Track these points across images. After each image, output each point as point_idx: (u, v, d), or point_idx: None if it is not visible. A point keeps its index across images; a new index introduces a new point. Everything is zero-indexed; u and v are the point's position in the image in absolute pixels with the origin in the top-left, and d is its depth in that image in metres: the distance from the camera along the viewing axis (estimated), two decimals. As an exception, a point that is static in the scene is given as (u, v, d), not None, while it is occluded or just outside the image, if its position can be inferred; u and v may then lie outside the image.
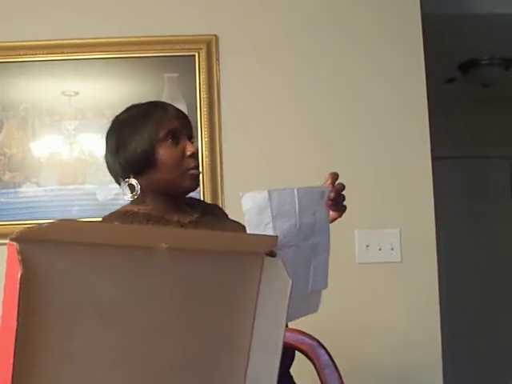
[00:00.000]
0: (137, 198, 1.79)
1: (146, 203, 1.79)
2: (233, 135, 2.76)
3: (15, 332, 0.84)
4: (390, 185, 2.76)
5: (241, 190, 2.76)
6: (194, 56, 2.77)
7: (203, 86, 2.76)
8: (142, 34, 2.78)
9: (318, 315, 2.55)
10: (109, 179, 1.89)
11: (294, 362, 1.86)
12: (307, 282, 1.42)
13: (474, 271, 4.89)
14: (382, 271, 2.71)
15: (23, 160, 2.75)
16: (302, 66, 2.82)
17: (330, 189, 1.49)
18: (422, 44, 2.81)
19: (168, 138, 1.75)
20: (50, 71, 2.79)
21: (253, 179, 2.73)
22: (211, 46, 2.77)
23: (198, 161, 1.82)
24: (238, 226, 1.85)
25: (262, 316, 1.08)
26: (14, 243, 0.86)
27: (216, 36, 2.79)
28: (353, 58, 2.82)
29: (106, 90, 2.80)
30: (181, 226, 1.74)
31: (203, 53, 2.77)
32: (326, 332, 2.02)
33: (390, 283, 2.71)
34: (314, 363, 1.61)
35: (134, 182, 1.78)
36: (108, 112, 2.67)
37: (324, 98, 2.80)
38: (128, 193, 1.79)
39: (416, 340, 2.67)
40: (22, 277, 0.83)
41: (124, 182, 1.80)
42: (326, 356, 1.58)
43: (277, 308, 1.07)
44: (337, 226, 1.60)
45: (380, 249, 2.72)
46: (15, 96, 2.78)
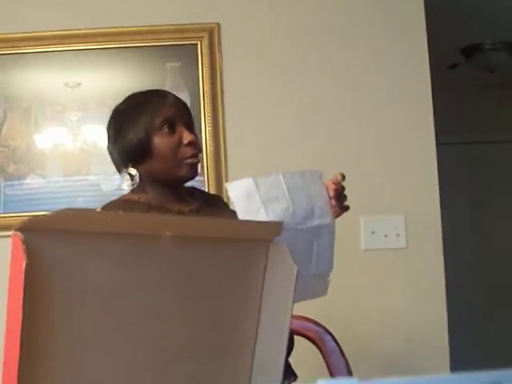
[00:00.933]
0: (137, 187, 1.79)
1: (145, 192, 1.78)
2: (236, 124, 2.75)
3: (21, 321, 0.84)
4: (394, 171, 2.75)
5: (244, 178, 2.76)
6: (196, 45, 2.76)
7: (206, 75, 2.75)
8: (144, 24, 2.77)
9: (323, 302, 2.55)
10: (113, 170, 1.89)
11: (293, 349, 1.85)
12: (309, 264, 1.42)
13: (479, 257, 4.88)
14: (387, 257, 2.71)
15: (27, 152, 2.75)
16: (305, 55, 2.80)
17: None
18: (425, 29, 2.79)
19: (164, 127, 1.74)
20: (53, 62, 2.79)
21: (257, 168, 2.72)
22: (213, 35, 2.76)
23: (197, 149, 1.79)
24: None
25: (268, 302, 1.08)
26: (19, 233, 0.86)
27: (218, 24, 2.78)
28: (355, 44, 2.81)
29: (109, 81, 2.79)
30: (181, 214, 1.73)
31: (205, 41, 2.76)
32: (331, 318, 2.02)
33: (396, 269, 2.71)
34: (320, 350, 1.61)
35: (133, 171, 1.77)
36: (111, 102, 2.64)
37: (327, 85, 2.79)
38: (127, 182, 1.78)
39: (422, 325, 2.67)
40: (26, 266, 0.84)
41: (123, 171, 1.80)
42: (333, 342, 1.58)
43: (283, 294, 1.06)
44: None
45: (385, 235, 2.72)
46: (18, 88, 2.78)
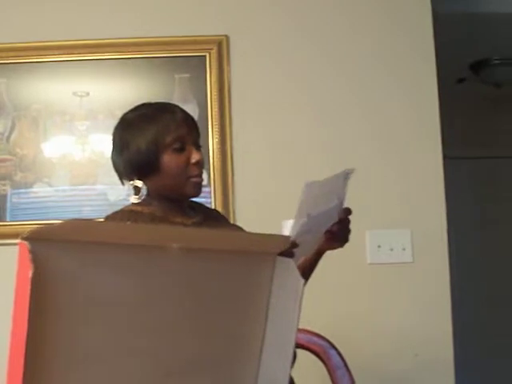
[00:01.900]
0: (143, 199, 1.78)
1: (149, 204, 1.78)
2: (243, 136, 2.75)
3: (26, 330, 0.84)
4: (401, 185, 2.75)
5: (251, 191, 2.77)
6: (205, 56, 2.77)
7: (214, 86, 2.75)
8: (153, 35, 2.78)
9: (328, 316, 2.55)
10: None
11: (295, 363, 1.85)
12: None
13: (485, 272, 4.86)
14: (393, 272, 2.70)
15: (35, 160, 2.76)
16: (314, 68, 2.81)
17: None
18: (434, 43, 2.79)
19: (174, 145, 1.74)
20: (62, 72, 2.79)
21: (264, 180, 2.73)
22: (222, 47, 2.77)
23: (202, 169, 1.80)
24: (239, 230, 1.85)
25: (274, 316, 1.07)
26: (26, 242, 0.86)
27: (227, 36, 2.78)
28: (364, 58, 2.81)
29: (117, 91, 2.80)
30: (184, 227, 1.73)
31: (214, 53, 2.77)
32: (336, 333, 2.01)
33: (402, 284, 2.70)
34: (325, 364, 1.60)
35: (140, 183, 1.77)
36: (119, 112, 2.62)
37: (335, 99, 2.79)
38: (133, 194, 1.78)
39: (428, 341, 2.65)
40: (33, 275, 0.84)
41: (129, 182, 1.79)
42: (338, 357, 1.57)
43: (289, 308, 1.06)
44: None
45: (391, 249, 2.71)
46: (27, 96, 2.79)
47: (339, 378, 1.57)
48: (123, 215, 1.75)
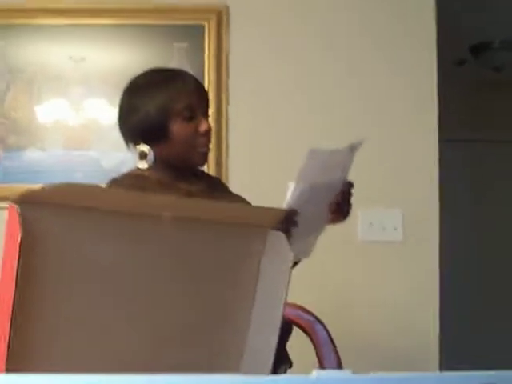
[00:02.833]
0: (150, 164, 1.77)
1: (155, 169, 1.77)
2: (240, 109, 2.74)
3: (13, 293, 0.83)
4: (395, 165, 2.75)
5: (245, 165, 2.76)
6: (204, 26, 2.74)
7: (212, 57, 2.73)
8: (152, 2, 2.75)
9: (317, 291, 2.55)
10: (113, 146, 1.88)
11: (289, 336, 1.86)
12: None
13: (479, 256, 4.88)
14: (383, 250, 2.71)
15: (28, 124, 2.73)
16: (314, 44, 2.79)
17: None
18: (435, 24, 2.78)
19: (184, 113, 1.73)
20: (58, 36, 2.77)
21: (259, 154, 2.72)
22: (221, 16, 2.74)
23: (210, 139, 1.79)
24: (241, 199, 1.85)
25: (262, 289, 1.07)
26: (15, 205, 0.85)
27: (227, 6, 2.75)
28: (363, 37, 2.79)
29: (114, 57, 2.78)
30: (189, 194, 1.73)
31: (213, 23, 2.74)
32: (325, 308, 2.02)
33: (391, 262, 2.71)
34: (311, 339, 1.61)
35: (147, 148, 1.75)
36: (114, 79, 2.64)
37: (335, 76, 2.78)
38: (138, 159, 1.77)
39: (415, 319, 2.67)
40: (22, 239, 0.83)
41: (134, 147, 1.78)
42: (324, 332, 1.57)
43: (278, 281, 1.06)
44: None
45: (383, 228, 2.71)
46: (22, 59, 2.76)
47: (325, 354, 1.57)
48: (129, 179, 1.74)
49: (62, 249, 0.89)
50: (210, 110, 2.17)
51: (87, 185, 0.97)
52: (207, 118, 1.79)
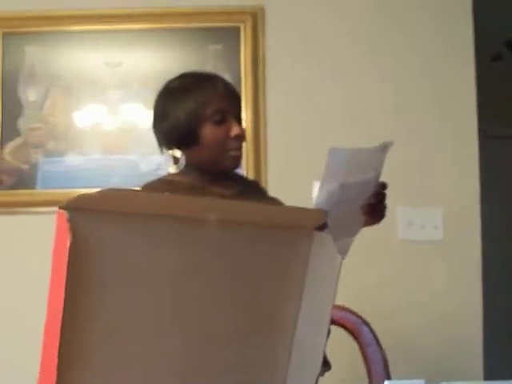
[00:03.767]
0: (181, 170, 1.78)
1: (187, 174, 1.77)
2: (278, 111, 2.73)
3: (63, 302, 0.83)
4: (434, 163, 2.73)
5: (284, 167, 2.75)
6: (239, 28, 2.74)
7: (248, 59, 2.72)
8: (187, 5, 2.76)
9: (358, 291, 2.53)
10: (151, 149, 1.88)
11: (328, 339, 1.85)
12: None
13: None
14: (423, 249, 2.68)
15: (67, 129, 2.76)
16: (350, 45, 2.77)
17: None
18: (471, 18, 2.75)
19: (214, 117, 1.72)
20: (94, 41, 2.79)
21: (297, 155, 2.70)
22: (257, 18, 2.74)
23: (242, 142, 1.78)
24: (278, 202, 1.84)
25: (310, 292, 1.06)
26: (64, 211, 0.85)
27: (262, 8, 2.75)
28: (399, 34, 2.78)
29: (150, 61, 2.79)
30: (223, 198, 1.72)
31: (249, 24, 2.74)
32: (367, 309, 2.00)
33: (432, 262, 2.69)
34: (357, 340, 1.59)
35: (179, 153, 1.76)
36: (151, 83, 2.66)
37: (369, 76, 2.76)
38: (171, 163, 1.77)
39: (457, 318, 2.65)
40: (71, 245, 0.83)
41: (168, 152, 1.78)
42: (370, 334, 1.56)
43: (325, 283, 1.05)
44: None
45: (422, 226, 2.69)
46: (59, 65, 2.78)
47: (371, 354, 1.56)
48: (162, 184, 1.75)
49: (110, 254, 0.89)
50: (246, 112, 2.17)
51: (134, 190, 0.97)
52: (239, 121, 1.78)
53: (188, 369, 0.96)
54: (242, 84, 2.69)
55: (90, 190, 0.89)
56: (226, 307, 1.00)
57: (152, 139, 1.84)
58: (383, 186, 1.64)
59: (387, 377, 1.58)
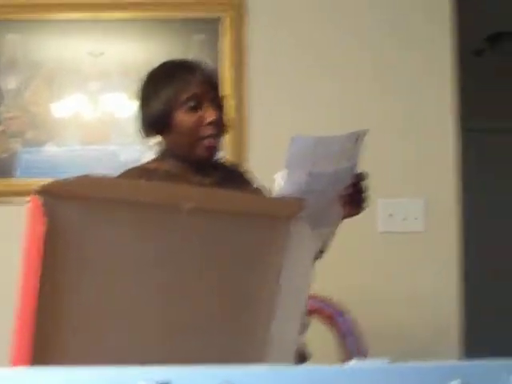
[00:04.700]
0: (157, 156, 1.78)
1: (165, 162, 1.77)
2: (260, 102, 2.72)
3: (36, 287, 0.83)
4: (415, 155, 2.73)
5: (266, 157, 2.75)
6: (221, 18, 2.73)
7: (231, 49, 2.71)
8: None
9: (339, 283, 2.54)
10: (132, 140, 1.88)
11: (306, 331, 1.85)
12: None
13: (500, 244, 4.85)
14: (404, 241, 2.69)
15: (47, 119, 2.74)
16: (334, 35, 2.77)
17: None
18: (452, 15, 2.76)
19: (188, 103, 1.71)
20: (77, 30, 2.77)
21: (279, 146, 2.69)
22: (239, 8, 2.73)
23: (219, 129, 1.75)
24: (259, 193, 1.82)
25: (286, 280, 1.06)
26: (38, 196, 0.85)
27: (244, -3, 2.75)
28: (381, 26, 2.77)
29: (132, 51, 2.77)
30: (201, 186, 1.71)
31: (231, 14, 2.73)
32: (347, 300, 2.01)
33: (413, 253, 2.70)
34: (335, 330, 1.60)
35: (156, 140, 1.76)
36: (132, 73, 2.64)
37: (353, 66, 2.76)
38: (149, 150, 1.78)
39: (437, 310, 2.66)
40: (46, 230, 0.82)
41: (146, 139, 1.79)
42: (348, 323, 1.56)
43: (301, 272, 1.05)
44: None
45: (403, 218, 2.70)
46: (41, 54, 2.76)
47: (349, 345, 1.56)
48: (138, 172, 1.75)
49: (84, 240, 0.89)
50: (227, 101, 2.16)
51: (108, 177, 0.97)
52: (216, 108, 1.75)
53: (162, 354, 0.95)
54: (225, 74, 2.68)
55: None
56: (199, 295, 1.00)
57: (133, 130, 1.84)
58: (361, 176, 1.62)
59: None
